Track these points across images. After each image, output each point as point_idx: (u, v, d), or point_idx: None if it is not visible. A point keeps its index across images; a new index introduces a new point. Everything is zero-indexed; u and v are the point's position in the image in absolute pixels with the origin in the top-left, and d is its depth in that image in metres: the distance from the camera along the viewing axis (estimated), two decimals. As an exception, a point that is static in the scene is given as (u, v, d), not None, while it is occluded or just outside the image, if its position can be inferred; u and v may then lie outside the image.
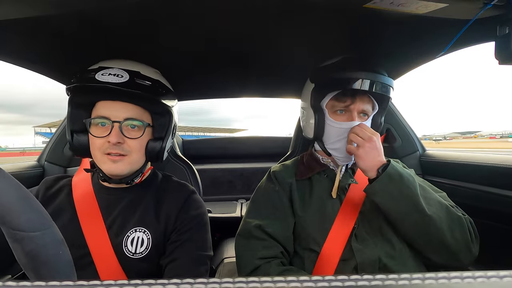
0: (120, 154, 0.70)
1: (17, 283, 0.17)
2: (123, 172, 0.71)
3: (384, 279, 0.17)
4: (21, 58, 0.85)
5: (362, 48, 0.88)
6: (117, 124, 0.69)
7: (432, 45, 0.83)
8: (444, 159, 1.12)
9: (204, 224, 0.78)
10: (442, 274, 0.17)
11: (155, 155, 0.75)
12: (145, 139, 0.74)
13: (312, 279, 0.17)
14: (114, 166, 0.69)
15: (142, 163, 0.75)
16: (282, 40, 0.82)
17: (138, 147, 0.72)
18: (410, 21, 0.69)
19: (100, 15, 0.65)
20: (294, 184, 0.85)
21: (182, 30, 0.74)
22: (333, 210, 0.78)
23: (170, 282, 0.17)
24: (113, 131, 0.68)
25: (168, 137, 0.76)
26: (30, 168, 1.23)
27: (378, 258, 0.71)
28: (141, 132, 0.72)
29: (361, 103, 0.79)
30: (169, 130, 0.76)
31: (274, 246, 0.77)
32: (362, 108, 0.79)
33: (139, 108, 0.72)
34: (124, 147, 0.70)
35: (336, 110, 0.81)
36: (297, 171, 0.88)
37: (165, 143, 0.75)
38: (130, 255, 0.69)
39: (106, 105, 0.71)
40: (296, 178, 0.86)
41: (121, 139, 0.69)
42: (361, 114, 0.80)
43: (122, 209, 0.74)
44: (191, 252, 0.71)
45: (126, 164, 0.71)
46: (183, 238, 0.72)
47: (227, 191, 2.13)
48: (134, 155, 0.72)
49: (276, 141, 2.40)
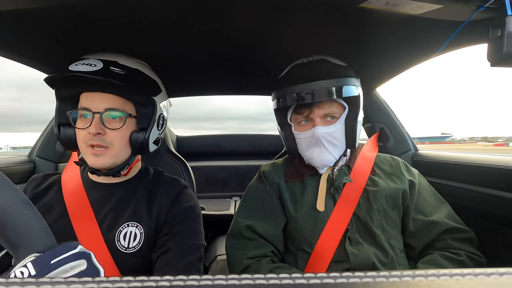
0: (102, 146, 0.68)
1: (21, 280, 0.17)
2: (105, 165, 0.70)
3: (375, 277, 0.18)
4: (13, 52, 0.83)
5: (357, 47, 0.89)
6: (98, 115, 0.68)
7: (426, 45, 0.84)
8: (436, 159, 1.13)
9: (196, 216, 0.77)
10: (432, 271, 0.18)
11: (139, 146, 0.73)
12: (127, 130, 0.72)
13: (304, 276, 0.18)
14: (96, 160, 0.69)
15: (127, 155, 0.74)
16: (277, 39, 0.82)
17: (120, 138, 0.71)
18: (405, 22, 0.69)
19: (92, 9, 0.64)
20: (283, 185, 0.84)
21: (178, 26, 0.74)
22: (326, 211, 0.78)
23: (162, 279, 0.17)
24: (93, 122, 0.67)
25: (151, 128, 0.74)
26: (20, 163, 1.20)
27: (372, 263, 0.71)
28: (121, 123, 0.70)
29: (320, 110, 0.78)
30: (153, 120, 0.75)
31: (264, 246, 0.78)
32: (323, 113, 0.78)
33: (120, 98, 0.71)
34: (105, 139, 0.69)
35: (300, 121, 0.82)
36: (287, 172, 0.88)
37: (148, 134, 0.73)
38: (123, 249, 0.69)
39: (88, 96, 0.70)
40: (285, 179, 0.86)
41: (101, 130, 0.68)
42: (328, 118, 0.79)
43: (113, 205, 0.73)
44: (183, 243, 0.71)
45: (108, 157, 0.69)
46: (174, 230, 0.72)
47: (221, 189, 2.13)
48: (116, 147, 0.70)
49: (270, 139, 2.40)
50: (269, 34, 0.79)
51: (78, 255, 0.34)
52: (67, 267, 0.33)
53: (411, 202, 0.79)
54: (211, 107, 3.09)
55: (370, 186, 0.80)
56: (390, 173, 0.84)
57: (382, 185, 0.80)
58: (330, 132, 0.78)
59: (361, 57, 0.91)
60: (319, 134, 0.77)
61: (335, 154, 0.80)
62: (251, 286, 0.17)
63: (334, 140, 0.79)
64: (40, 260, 0.32)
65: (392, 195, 0.78)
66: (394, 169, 0.86)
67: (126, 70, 0.70)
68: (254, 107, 3.11)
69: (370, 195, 0.78)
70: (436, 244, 0.76)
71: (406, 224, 0.79)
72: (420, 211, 0.79)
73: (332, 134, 0.78)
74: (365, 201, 0.78)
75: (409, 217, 0.78)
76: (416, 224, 0.78)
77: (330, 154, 0.79)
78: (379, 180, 0.82)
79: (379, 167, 0.86)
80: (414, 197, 0.80)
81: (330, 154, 0.79)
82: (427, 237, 0.77)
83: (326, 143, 0.78)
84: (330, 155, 0.79)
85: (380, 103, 1.30)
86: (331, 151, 0.79)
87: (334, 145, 0.79)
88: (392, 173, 0.84)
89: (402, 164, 0.87)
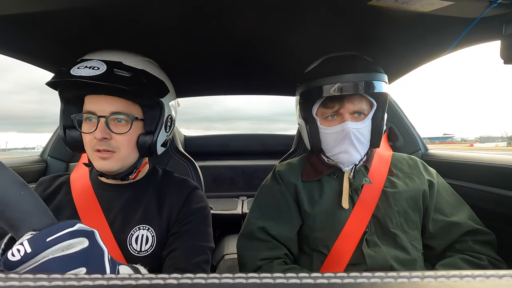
0: (108, 151, 0.67)
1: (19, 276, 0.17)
2: (112, 168, 0.68)
3: (383, 277, 0.17)
4: (22, 52, 0.84)
5: (366, 46, 0.88)
6: (103, 119, 0.66)
7: (437, 43, 0.82)
8: (447, 158, 1.11)
9: (205, 217, 0.76)
10: (441, 272, 0.17)
11: (147, 149, 0.71)
12: (134, 133, 0.70)
13: (311, 275, 0.17)
14: (103, 163, 0.67)
15: (134, 158, 0.72)
16: (285, 39, 0.82)
17: (127, 142, 0.68)
18: (415, 19, 0.68)
19: (100, 10, 0.65)
20: (300, 185, 0.82)
21: (184, 25, 0.74)
22: (344, 213, 0.75)
23: (170, 276, 0.18)
24: (98, 127, 0.65)
25: (159, 131, 0.72)
26: (33, 163, 1.23)
27: (390, 265, 0.70)
28: (128, 126, 0.68)
29: (351, 105, 0.75)
30: (160, 123, 0.72)
31: (277, 248, 0.76)
32: (353, 109, 0.76)
33: (126, 101, 0.68)
34: (111, 143, 0.67)
35: (327, 116, 0.79)
36: (304, 171, 0.85)
37: (156, 137, 0.71)
38: (136, 253, 0.68)
39: (93, 99, 0.68)
40: (302, 179, 0.83)
41: (107, 134, 0.66)
42: (356, 115, 0.77)
43: (123, 206, 0.72)
44: (190, 242, 0.70)
45: (115, 161, 0.68)
46: (182, 229, 0.71)
47: (228, 188, 2.14)
48: (123, 151, 0.68)
49: (278, 139, 2.40)
50: (277, 34, 0.79)
51: (76, 233, 0.34)
52: (64, 245, 0.32)
53: (431, 202, 0.77)
54: (222, 107, 3.10)
55: (389, 188, 0.78)
56: (408, 173, 0.82)
57: (401, 186, 0.78)
58: (359, 128, 0.76)
59: (369, 56, 0.90)
60: (349, 130, 0.74)
61: (361, 151, 0.78)
62: (258, 285, 0.17)
63: (361, 137, 0.77)
64: (36, 237, 0.32)
65: (412, 197, 0.76)
66: (412, 168, 0.84)
67: (131, 71, 0.67)
68: (264, 107, 3.11)
69: (389, 197, 0.76)
70: (456, 246, 0.74)
71: (425, 225, 0.77)
72: (440, 212, 0.77)
73: (360, 131, 0.76)
74: (384, 202, 0.76)
75: (429, 217, 0.76)
76: (436, 225, 0.76)
77: (357, 151, 0.77)
78: (397, 181, 0.80)
79: (396, 167, 0.84)
80: (433, 197, 0.78)
81: (357, 152, 0.77)
82: (448, 238, 0.75)
83: (355, 140, 0.75)
84: (357, 152, 0.77)
85: (390, 103, 1.28)
86: (358, 148, 0.77)
87: (361, 143, 0.77)
88: (411, 172, 0.82)
89: (420, 164, 0.85)
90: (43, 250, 0.31)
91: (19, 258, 0.30)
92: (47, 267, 0.30)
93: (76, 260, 0.32)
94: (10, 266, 0.30)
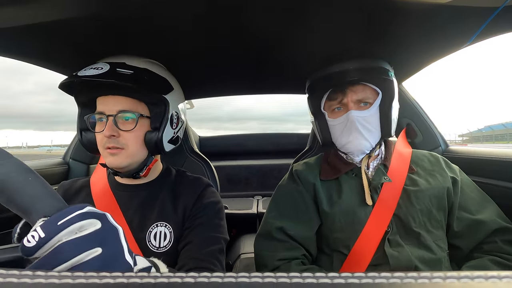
0: (117, 148, 0.70)
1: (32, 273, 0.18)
2: (121, 164, 0.71)
3: (402, 278, 0.17)
4: (38, 59, 0.88)
5: (381, 42, 0.85)
6: (111, 117, 0.69)
7: (456, 36, 0.79)
8: (469, 155, 1.07)
9: (218, 211, 0.78)
10: (465, 273, 0.17)
11: (154, 145, 0.74)
12: (141, 131, 0.73)
13: (328, 275, 0.17)
14: (113, 159, 0.70)
15: (143, 155, 0.75)
16: (297, 36, 0.81)
17: (134, 139, 0.72)
18: (432, 12, 0.66)
19: (109, 14, 0.66)
20: (318, 185, 0.81)
21: (195, 26, 0.75)
22: (364, 212, 0.74)
23: (188, 275, 0.18)
24: (107, 125, 0.69)
25: (164, 127, 0.74)
26: (55, 165, 1.28)
27: (414, 266, 0.67)
28: (134, 124, 0.71)
29: (353, 94, 0.77)
30: (165, 119, 0.75)
31: (295, 248, 0.76)
32: (356, 98, 0.78)
33: (132, 100, 0.72)
34: (119, 140, 0.70)
35: (333, 109, 0.82)
36: (322, 170, 0.85)
37: (161, 133, 0.73)
38: (155, 249, 0.70)
39: (102, 100, 0.72)
40: (320, 178, 0.83)
41: (115, 132, 0.69)
42: (361, 104, 0.78)
43: (139, 205, 0.75)
44: (204, 234, 0.72)
45: (123, 157, 0.71)
46: (196, 222, 0.73)
47: (243, 188, 2.15)
48: (131, 148, 0.71)
49: (292, 138, 2.39)
50: (290, 33, 0.79)
51: (87, 215, 0.34)
52: (75, 227, 0.33)
53: (455, 200, 0.75)
54: (233, 107, 3.13)
55: (410, 186, 0.76)
56: (430, 170, 0.80)
57: (423, 184, 0.76)
58: (364, 116, 0.77)
59: (386, 51, 0.88)
60: (353, 118, 0.76)
61: (371, 140, 0.78)
62: (274, 285, 0.17)
63: (368, 125, 0.77)
64: (48, 222, 0.33)
65: (436, 195, 0.74)
66: (434, 165, 0.81)
67: (133, 70, 0.71)
68: (274, 107, 3.12)
69: (411, 195, 0.74)
70: (484, 247, 0.70)
71: (450, 224, 0.74)
72: (464, 209, 0.74)
73: (366, 119, 0.77)
74: (406, 201, 0.73)
75: (453, 216, 0.74)
76: (461, 223, 0.73)
77: (365, 139, 0.77)
78: (418, 178, 0.77)
79: (417, 164, 0.82)
80: (457, 195, 0.75)
81: (365, 140, 0.77)
82: (474, 238, 0.71)
83: (361, 127, 0.77)
84: (365, 140, 0.77)
85: (406, 98, 1.24)
86: (366, 136, 0.77)
87: (368, 130, 0.77)
88: (433, 170, 0.80)
89: (442, 160, 0.83)
90: (56, 234, 0.32)
91: (34, 243, 0.31)
92: (63, 249, 0.31)
93: (90, 241, 0.32)
94: (28, 253, 0.31)
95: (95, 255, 0.32)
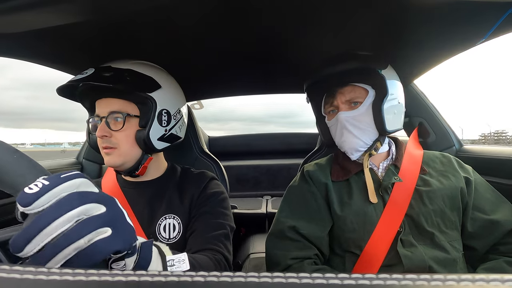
0: (110, 148, 0.73)
1: (48, 270, 0.18)
2: (116, 163, 0.74)
3: (415, 279, 0.17)
4: (48, 60, 0.90)
5: (393, 41, 0.84)
6: (103, 119, 0.73)
7: (471, 32, 0.77)
8: (485, 154, 1.04)
9: (222, 200, 0.81)
10: (480, 275, 0.16)
11: (143, 143, 0.75)
12: (131, 130, 0.75)
13: (338, 276, 0.17)
14: (108, 158, 0.74)
15: (137, 154, 0.76)
16: (306, 36, 0.81)
17: (125, 138, 0.74)
18: (446, 7, 0.64)
19: (122, 20, 0.68)
20: (330, 185, 0.81)
21: (207, 31, 0.75)
22: (375, 213, 0.73)
23: (197, 274, 0.18)
24: (99, 126, 0.72)
25: (150, 125, 0.74)
26: (69, 165, 1.32)
27: (428, 266, 0.66)
28: (122, 123, 0.73)
29: (341, 95, 0.80)
30: (152, 117, 0.75)
31: (308, 248, 0.75)
32: (345, 99, 0.80)
33: (122, 101, 0.74)
34: (111, 140, 0.73)
35: (329, 111, 0.86)
36: (333, 171, 0.85)
37: (147, 131, 0.74)
38: (165, 241, 0.73)
39: (97, 103, 0.76)
40: (332, 179, 0.83)
41: (106, 132, 0.72)
42: (352, 104, 0.80)
43: (148, 201, 0.78)
44: (208, 221, 0.75)
45: (117, 156, 0.73)
46: (201, 211, 0.76)
47: (252, 188, 2.15)
48: (123, 147, 0.74)
49: (301, 137, 2.38)
50: (299, 32, 0.78)
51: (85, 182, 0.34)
52: (77, 182, 0.32)
53: (469, 200, 0.73)
54: (217, 108, 3.11)
55: (422, 186, 0.75)
56: (442, 171, 0.79)
57: (436, 184, 0.75)
58: (353, 116, 0.79)
59: (397, 49, 0.86)
60: (342, 118, 0.79)
61: (363, 138, 0.79)
62: (283, 285, 0.17)
63: (359, 124, 0.78)
64: (51, 176, 0.32)
65: (449, 195, 0.73)
66: (446, 166, 0.80)
67: (114, 71, 0.73)
68: (258, 109, 3.11)
69: (423, 195, 0.73)
70: (500, 248, 0.69)
71: (464, 224, 0.73)
72: (479, 209, 0.72)
73: (356, 118, 0.78)
74: (418, 201, 0.73)
75: (467, 216, 0.72)
76: (475, 224, 0.71)
77: (356, 137, 0.79)
78: (431, 179, 0.76)
79: (428, 165, 0.81)
80: (471, 195, 0.74)
81: (356, 138, 0.79)
82: (489, 238, 0.70)
83: (350, 127, 0.78)
84: (356, 138, 0.79)
85: (419, 96, 1.22)
86: (357, 135, 0.79)
87: (359, 129, 0.79)
88: (445, 170, 0.79)
89: (454, 161, 0.81)
90: (60, 183, 0.31)
91: (37, 190, 0.30)
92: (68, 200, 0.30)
93: (98, 221, 0.31)
94: (26, 201, 0.29)
95: (105, 235, 0.31)
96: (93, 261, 0.30)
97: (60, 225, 0.29)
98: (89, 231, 0.30)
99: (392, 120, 0.80)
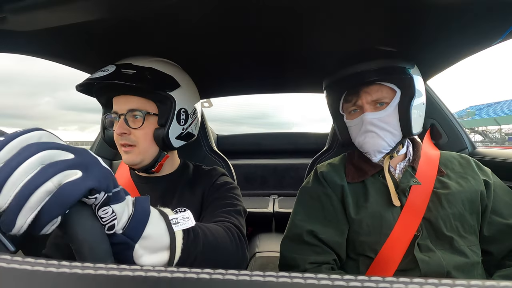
0: (129, 145, 0.74)
1: (59, 262, 0.19)
2: (135, 161, 0.75)
3: (437, 284, 0.16)
4: (61, 58, 0.91)
5: (407, 41, 0.82)
6: (122, 116, 0.73)
7: (487, 32, 0.74)
8: (499, 157, 1.01)
9: (232, 188, 0.81)
10: (490, 282, 0.16)
11: (161, 142, 0.76)
12: (150, 128, 0.75)
13: (344, 278, 0.17)
14: (126, 157, 0.75)
15: (154, 151, 0.78)
16: (318, 35, 0.80)
17: (143, 136, 0.74)
18: (462, 7, 0.62)
19: (135, 18, 0.68)
20: (346, 187, 0.79)
21: (220, 29, 0.75)
22: (392, 216, 0.71)
23: (203, 271, 0.18)
24: (118, 123, 0.73)
25: (169, 123, 0.76)
26: None
27: (446, 271, 0.64)
28: (141, 121, 0.74)
29: (367, 95, 0.76)
30: (171, 116, 0.76)
31: (326, 253, 0.74)
32: (371, 99, 0.76)
33: (141, 98, 0.75)
34: (130, 138, 0.73)
35: (350, 111, 0.82)
36: (347, 172, 0.83)
37: (166, 130, 0.75)
38: None
39: (116, 100, 0.76)
40: (347, 180, 0.81)
41: (125, 130, 0.72)
42: (378, 104, 0.76)
43: (160, 196, 0.80)
44: (219, 203, 0.74)
45: (135, 154, 0.74)
46: (211, 198, 0.77)
47: (259, 187, 2.15)
48: (142, 144, 0.74)
49: (309, 137, 2.36)
50: (311, 32, 0.77)
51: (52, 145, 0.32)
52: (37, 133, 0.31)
53: (488, 203, 0.71)
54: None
55: (440, 189, 0.73)
56: (461, 173, 0.76)
57: (454, 187, 0.73)
58: (379, 117, 0.75)
59: (413, 49, 0.84)
60: (367, 120, 0.75)
61: (388, 139, 0.76)
62: (289, 285, 0.17)
63: (385, 125, 0.75)
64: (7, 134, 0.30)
65: (469, 198, 0.71)
66: (465, 168, 0.78)
67: (136, 69, 0.73)
68: (230, 110, 3.10)
69: (442, 198, 0.71)
70: None
71: (480, 228, 0.71)
72: (496, 213, 0.70)
73: (382, 119, 0.75)
74: (437, 205, 0.71)
75: (485, 220, 0.70)
76: (492, 228, 0.70)
77: (382, 139, 0.75)
78: (449, 181, 0.74)
79: (446, 166, 0.78)
80: (490, 198, 0.72)
81: (381, 139, 0.75)
82: (507, 244, 0.68)
83: (376, 129, 0.75)
84: (382, 140, 0.75)
85: (431, 97, 1.19)
86: (382, 136, 0.75)
87: (385, 130, 0.75)
88: (464, 172, 0.76)
89: (473, 162, 0.79)
90: (17, 136, 0.30)
91: None
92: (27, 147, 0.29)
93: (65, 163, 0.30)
94: None
95: (75, 177, 0.30)
96: (66, 204, 0.29)
97: (24, 172, 0.28)
98: (55, 173, 0.29)
99: (417, 122, 0.78)
